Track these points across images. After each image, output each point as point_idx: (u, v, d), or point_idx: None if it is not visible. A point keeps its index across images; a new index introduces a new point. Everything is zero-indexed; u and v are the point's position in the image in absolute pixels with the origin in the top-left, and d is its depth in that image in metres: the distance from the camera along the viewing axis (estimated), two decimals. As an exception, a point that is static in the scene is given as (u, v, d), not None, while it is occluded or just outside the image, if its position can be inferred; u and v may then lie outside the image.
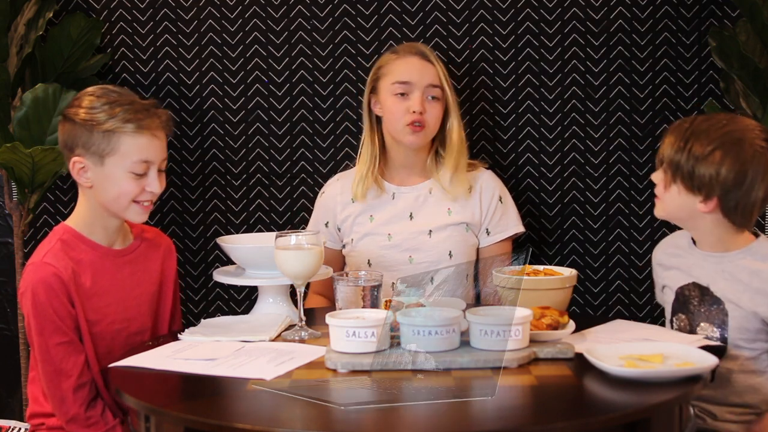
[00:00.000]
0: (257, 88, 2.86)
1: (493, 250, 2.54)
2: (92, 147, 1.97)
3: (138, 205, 2.01)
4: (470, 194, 2.53)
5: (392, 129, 2.49)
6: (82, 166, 1.99)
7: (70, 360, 1.94)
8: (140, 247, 2.12)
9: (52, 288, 1.92)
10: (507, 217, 2.55)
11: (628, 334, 1.91)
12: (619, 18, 2.78)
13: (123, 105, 1.98)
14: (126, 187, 1.98)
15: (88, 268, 2.00)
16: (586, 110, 2.81)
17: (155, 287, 2.12)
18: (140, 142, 1.98)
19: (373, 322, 1.75)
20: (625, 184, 2.81)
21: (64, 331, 1.94)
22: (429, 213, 2.52)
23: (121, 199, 1.99)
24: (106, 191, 1.99)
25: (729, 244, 2.01)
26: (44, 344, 1.93)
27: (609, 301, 2.84)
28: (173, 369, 1.74)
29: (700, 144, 1.93)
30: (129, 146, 1.97)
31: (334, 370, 1.71)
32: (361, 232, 2.53)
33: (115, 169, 1.98)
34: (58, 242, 1.99)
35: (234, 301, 2.92)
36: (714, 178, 1.92)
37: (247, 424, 1.43)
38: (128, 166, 1.97)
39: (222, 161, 2.89)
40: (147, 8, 2.86)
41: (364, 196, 2.53)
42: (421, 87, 2.46)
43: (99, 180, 1.99)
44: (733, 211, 1.95)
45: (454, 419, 1.45)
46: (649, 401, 1.52)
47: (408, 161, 2.54)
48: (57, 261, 1.95)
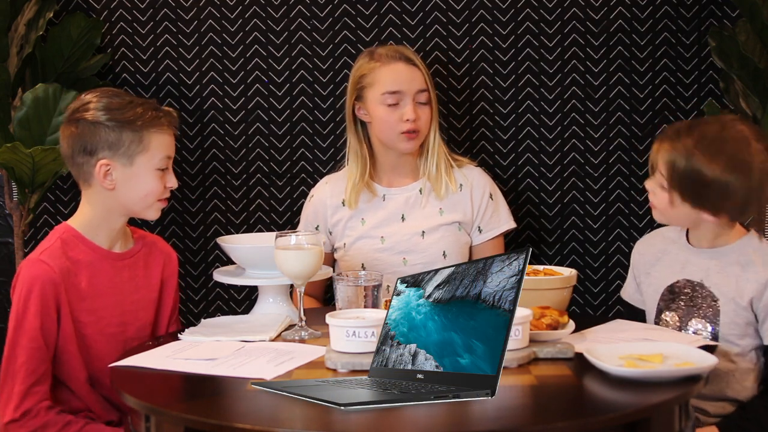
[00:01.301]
0: (257, 88, 2.86)
1: (486, 247, 2.54)
2: (122, 147, 1.97)
3: (160, 202, 2.05)
4: (460, 192, 2.53)
5: (385, 137, 2.48)
6: (108, 169, 1.98)
7: (31, 364, 1.91)
8: (141, 251, 2.12)
9: (41, 291, 1.92)
10: (498, 213, 2.55)
11: (628, 334, 1.91)
12: (619, 18, 2.78)
13: (142, 105, 2.00)
14: (153, 184, 2.00)
15: (86, 269, 2.00)
16: (586, 110, 2.81)
17: (155, 294, 2.12)
18: (165, 139, 2.02)
19: (373, 322, 1.75)
20: (625, 184, 2.81)
21: (35, 336, 1.92)
22: (421, 214, 2.52)
23: (148, 198, 2.01)
24: (133, 191, 2.00)
25: (724, 239, 2.04)
26: (15, 340, 1.92)
27: (609, 301, 2.84)
28: (173, 369, 1.74)
29: (704, 163, 1.93)
30: (158, 143, 2.00)
31: (334, 370, 1.72)
32: (353, 235, 2.53)
33: (142, 169, 1.99)
34: (58, 240, 1.99)
35: (234, 301, 2.92)
36: (725, 198, 1.94)
37: (247, 424, 1.43)
38: (155, 163, 2.00)
39: (222, 161, 2.89)
40: (147, 8, 2.86)
41: (357, 202, 2.53)
42: (412, 94, 2.45)
43: (125, 180, 1.99)
44: (740, 215, 2.01)
45: (454, 419, 1.45)
46: (649, 401, 1.52)
47: (397, 163, 2.54)
48: (52, 260, 1.94)
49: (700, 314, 2.01)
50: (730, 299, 1.99)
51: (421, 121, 2.47)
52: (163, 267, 2.15)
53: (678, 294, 2.06)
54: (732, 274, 2.00)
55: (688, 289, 2.05)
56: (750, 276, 1.98)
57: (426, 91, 2.47)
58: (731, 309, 1.99)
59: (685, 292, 2.05)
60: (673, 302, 2.07)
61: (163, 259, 2.15)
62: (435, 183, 2.51)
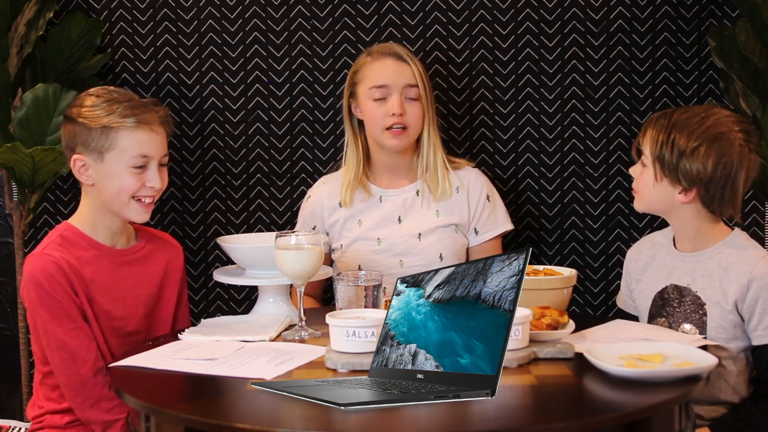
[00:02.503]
0: (257, 88, 2.86)
1: (483, 249, 2.54)
2: (91, 144, 1.99)
3: (139, 203, 2.03)
4: (457, 194, 2.52)
5: (373, 133, 2.48)
6: (83, 164, 2.01)
7: (84, 344, 1.94)
8: (144, 249, 2.13)
9: (53, 276, 1.94)
10: (495, 215, 2.55)
11: (628, 334, 1.91)
12: (619, 18, 2.78)
13: (121, 102, 2.01)
14: (126, 182, 2.00)
15: (87, 264, 2.01)
16: (586, 110, 2.81)
17: (154, 289, 2.12)
18: (138, 137, 2.00)
19: (373, 322, 1.75)
20: (625, 184, 2.81)
21: (73, 317, 1.94)
22: (417, 216, 2.52)
23: (122, 195, 2.00)
24: (107, 187, 2.01)
25: (707, 237, 2.05)
26: (55, 332, 1.93)
27: (609, 301, 2.83)
28: (173, 369, 1.74)
29: (683, 138, 1.98)
30: (127, 141, 1.99)
31: (334, 370, 1.72)
32: (350, 237, 2.53)
33: (114, 165, 1.99)
34: (59, 237, 2.01)
35: (234, 301, 2.92)
36: (701, 172, 1.96)
37: (247, 424, 1.43)
38: (128, 161, 1.99)
39: (222, 161, 2.89)
40: (147, 8, 2.86)
41: (352, 200, 2.53)
42: (398, 88, 2.44)
43: (100, 177, 2.01)
44: (711, 201, 2.00)
45: (454, 419, 1.45)
46: (649, 401, 1.52)
47: (393, 164, 2.53)
48: (56, 252, 1.97)
49: (689, 319, 2.02)
50: (715, 303, 2.00)
51: (409, 117, 2.45)
52: (167, 261, 2.16)
53: (667, 300, 2.07)
54: (716, 277, 2.00)
55: (676, 294, 2.05)
56: (732, 278, 1.99)
57: (415, 86, 2.46)
58: (717, 313, 1.99)
59: (674, 297, 2.06)
60: (663, 308, 2.07)
61: (167, 253, 2.17)
62: (431, 185, 2.51)
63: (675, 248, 2.10)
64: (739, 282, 1.97)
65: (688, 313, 2.02)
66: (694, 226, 2.04)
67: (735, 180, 1.98)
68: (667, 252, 2.12)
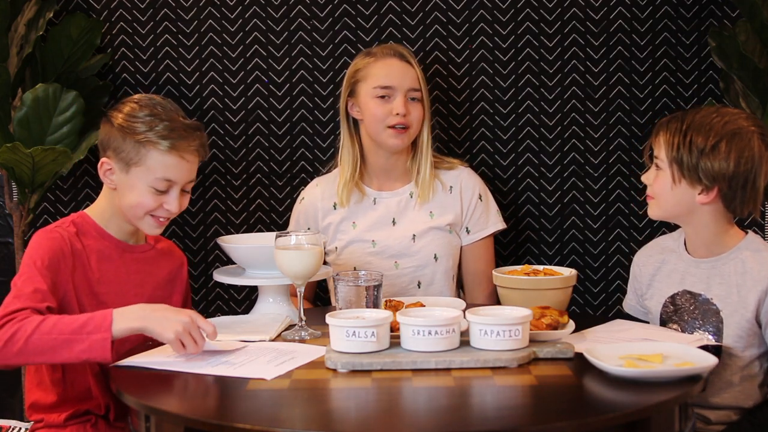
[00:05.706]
0: (257, 88, 2.86)
1: (475, 248, 2.54)
2: (122, 153, 2.01)
3: (153, 219, 2.05)
4: (450, 194, 2.52)
5: (374, 132, 2.48)
6: (110, 168, 2.04)
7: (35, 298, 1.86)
8: (152, 251, 2.16)
9: (57, 246, 1.96)
10: (487, 214, 2.55)
11: (628, 334, 1.91)
12: (619, 18, 2.78)
13: (163, 121, 2.01)
14: (144, 199, 2.02)
15: (95, 254, 2.04)
16: (586, 110, 2.81)
17: (156, 292, 2.12)
18: (168, 161, 2.00)
19: (373, 322, 1.75)
20: (625, 184, 2.81)
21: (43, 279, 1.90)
22: (411, 218, 2.52)
23: (136, 210, 2.03)
24: (126, 198, 2.03)
25: (723, 241, 2.01)
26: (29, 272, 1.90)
27: (609, 301, 2.83)
28: (173, 369, 1.75)
29: (701, 137, 1.95)
30: (156, 162, 2.00)
31: (334, 370, 1.72)
32: (345, 239, 2.52)
33: (137, 180, 2.01)
34: (71, 225, 2.05)
35: (234, 301, 2.92)
36: (724, 169, 1.93)
37: (247, 424, 1.43)
38: (150, 181, 2.01)
39: (222, 161, 2.89)
40: (147, 8, 2.86)
41: (348, 200, 2.53)
42: (403, 90, 2.46)
43: (122, 186, 2.03)
44: (733, 199, 1.96)
45: (454, 419, 1.45)
46: (648, 401, 1.52)
47: (388, 165, 2.53)
48: (66, 233, 2.00)
49: (704, 326, 2.00)
50: (733, 311, 1.97)
51: (412, 117, 2.46)
52: (172, 269, 2.18)
53: (680, 306, 2.04)
54: (733, 284, 1.98)
55: (689, 301, 2.03)
56: (749, 284, 1.96)
57: (418, 90, 2.48)
58: (735, 321, 1.96)
59: (687, 304, 2.03)
60: (675, 314, 2.05)
61: (172, 261, 2.19)
62: (424, 186, 2.51)
63: (687, 253, 2.07)
64: (757, 288, 1.95)
65: (703, 321, 2.00)
66: (710, 229, 2.01)
67: (757, 175, 1.95)
68: (678, 257, 2.08)
